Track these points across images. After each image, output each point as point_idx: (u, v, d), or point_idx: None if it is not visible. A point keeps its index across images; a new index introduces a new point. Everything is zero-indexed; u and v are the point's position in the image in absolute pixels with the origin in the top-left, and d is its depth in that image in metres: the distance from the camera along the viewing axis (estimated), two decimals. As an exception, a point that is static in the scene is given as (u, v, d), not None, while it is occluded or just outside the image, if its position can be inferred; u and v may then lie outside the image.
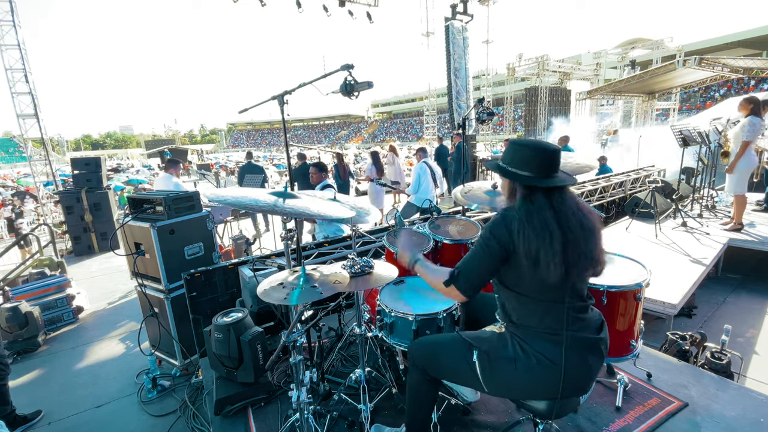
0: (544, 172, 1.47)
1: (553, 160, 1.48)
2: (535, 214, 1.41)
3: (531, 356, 1.46)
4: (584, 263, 1.44)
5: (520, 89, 34.57)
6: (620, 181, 7.80)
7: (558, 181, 1.46)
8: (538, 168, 1.47)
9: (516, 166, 1.50)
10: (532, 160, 1.47)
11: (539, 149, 1.49)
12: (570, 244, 1.39)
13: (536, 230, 1.38)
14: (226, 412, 2.38)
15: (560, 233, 1.38)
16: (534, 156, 1.48)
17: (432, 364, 1.68)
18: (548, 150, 1.48)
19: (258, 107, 2.38)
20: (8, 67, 8.85)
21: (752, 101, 4.92)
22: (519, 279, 1.48)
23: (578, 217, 1.44)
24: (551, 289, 1.43)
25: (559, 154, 1.50)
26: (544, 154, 1.48)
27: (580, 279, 1.47)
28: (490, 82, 22.17)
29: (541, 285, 1.43)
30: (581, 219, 1.44)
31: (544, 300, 1.46)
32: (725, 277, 5.00)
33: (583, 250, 1.42)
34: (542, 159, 1.47)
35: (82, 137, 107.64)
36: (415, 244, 2.73)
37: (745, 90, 29.07)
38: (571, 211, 1.44)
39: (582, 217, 1.45)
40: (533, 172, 1.47)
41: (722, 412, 2.19)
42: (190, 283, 3.02)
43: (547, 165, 1.47)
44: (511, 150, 1.56)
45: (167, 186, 5.29)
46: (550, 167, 1.48)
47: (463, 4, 11.98)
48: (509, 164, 1.53)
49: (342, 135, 74.34)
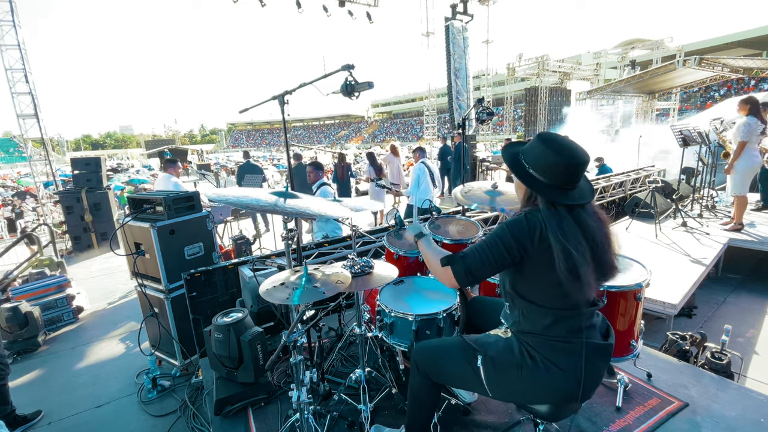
0: (566, 183, 1.37)
1: (581, 171, 1.39)
2: (564, 225, 1.33)
3: (539, 363, 1.43)
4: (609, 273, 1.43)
5: (520, 89, 34.56)
6: (620, 181, 7.80)
7: (578, 198, 1.38)
8: (561, 179, 1.36)
9: (539, 170, 1.38)
10: (557, 168, 1.35)
11: (569, 159, 1.35)
12: (595, 252, 1.36)
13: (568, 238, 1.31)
14: (226, 412, 2.38)
15: (588, 246, 1.33)
16: (561, 165, 1.35)
17: (435, 369, 1.66)
18: (579, 162, 1.36)
19: (258, 107, 2.39)
20: (8, 67, 8.85)
21: (750, 102, 4.93)
22: (534, 287, 1.44)
23: (599, 227, 1.40)
24: (568, 297, 1.38)
25: (584, 166, 1.39)
26: (573, 166, 1.36)
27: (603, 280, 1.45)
28: (490, 82, 22.18)
29: (559, 295, 1.38)
30: (601, 229, 1.41)
31: (559, 309, 1.41)
32: (725, 277, 5.00)
33: (607, 261, 1.40)
34: (569, 171, 1.36)
35: (82, 137, 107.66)
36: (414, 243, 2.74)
37: (745, 90, 29.05)
38: (593, 222, 1.39)
39: (601, 227, 1.41)
40: (556, 182, 1.36)
41: (722, 412, 2.19)
42: (190, 283, 3.02)
43: (572, 177, 1.37)
44: (538, 148, 1.40)
45: (167, 186, 5.29)
46: (575, 179, 1.38)
47: (463, 4, 11.99)
48: (532, 165, 1.40)
49: (342, 135, 74.35)
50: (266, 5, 11.82)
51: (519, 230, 1.37)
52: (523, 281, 1.46)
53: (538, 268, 1.39)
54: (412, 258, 2.62)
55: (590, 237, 1.35)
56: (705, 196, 6.58)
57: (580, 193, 1.40)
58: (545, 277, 1.37)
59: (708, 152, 6.33)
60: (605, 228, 1.43)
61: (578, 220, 1.36)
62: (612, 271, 1.44)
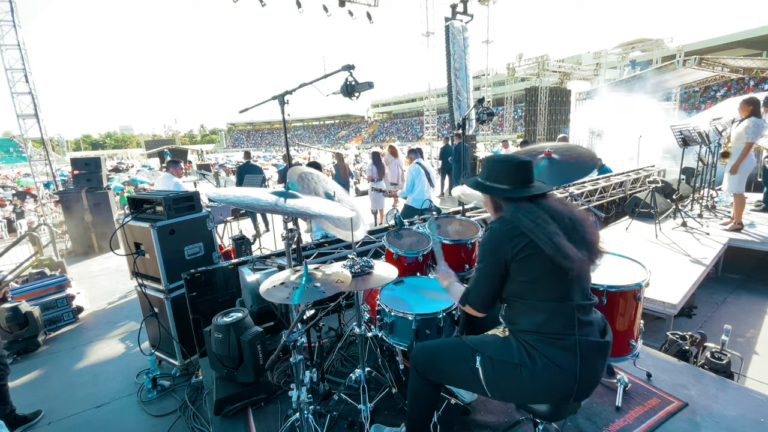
0: (520, 182, 1.56)
1: (526, 170, 1.58)
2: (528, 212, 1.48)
3: (537, 361, 1.45)
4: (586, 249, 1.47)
5: (520, 89, 34.57)
6: (620, 181, 7.80)
7: (535, 190, 1.55)
8: (514, 180, 1.56)
9: (493, 180, 1.60)
10: (508, 173, 1.57)
11: (511, 162, 1.58)
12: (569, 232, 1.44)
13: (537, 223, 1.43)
14: (226, 412, 2.38)
15: (555, 223, 1.45)
16: (508, 169, 1.57)
17: (434, 370, 1.68)
18: (520, 162, 1.57)
19: (258, 107, 2.39)
20: (8, 67, 8.84)
21: (752, 102, 4.93)
22: (524, 283, 1.49)
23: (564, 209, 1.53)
24: (558, 286, 1.44)
25: (530, 165, 1.59)
26: (518, 166, 1.57)
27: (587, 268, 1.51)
28: (490, 82, 22.21)
29: (549, 285, 1.45)
30: (568, 211, 1.52)
31: (551, 301, 1.46)
32: (725, 277, 5.00)
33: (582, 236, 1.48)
34: (516, 171, 1.56)
35: (82, 137, 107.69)
36: (414, 243, 2.74)
37: (745, 90, 29.04)
38: (557, 207, 1.51)
39: (568, 209, 1.54)
40: (510, 184, 1.56)
41: (722, 412, 2.19)
42: (190, 283, 3.02)
43: (522, 176, 1.56)
44: (487, 166, 1.65)
45: (167, 186, 5.30)
46: (526, 178, 1.57)
47: (463, 4, 11.99)
48: (486, 179, 1.62)
49: (342, 135, 74.35)
50: (266, 5, 11.83)
51: (490, 245, 1.53)
52: (512, 281, 1.52)
53: (521, 267, 1.46)
54: (411, 258, 2.63)
55: (557, 217, 1.48)
56: (705, 196, 6.58)
57: (537, 187, 1.57)
58: (529, 272, 1.46)
59: (708, 152, 6.33)
60: (572, 210, 1.54)
61: (541, 206, 1.51)
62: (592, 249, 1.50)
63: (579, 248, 1.43)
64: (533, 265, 1.44)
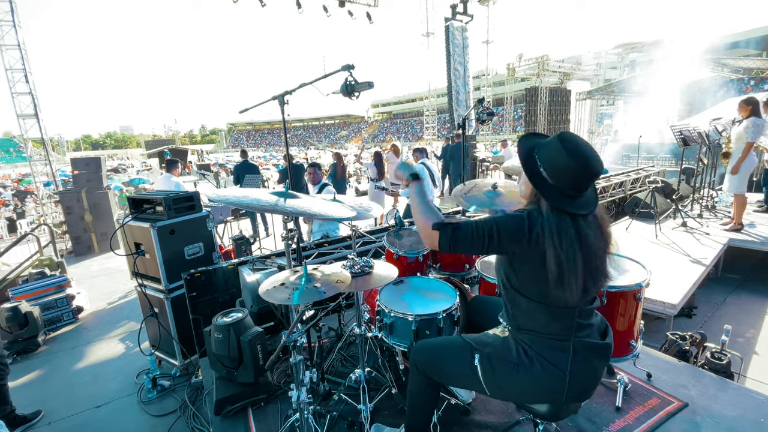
0: (574, 190, 1.36)
1: (592, 180, 1.38)
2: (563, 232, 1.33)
3: (535, 361, 1.44)
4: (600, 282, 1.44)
5: (520, 89, 34.56)
6: (620, 181, 7.80)
7: (582, 207, 1.37)
8: (571, 185, 1.35)
9: (550, 169, 1.37)
10: (569, 172, 1.34)
11: (584, 166, 1.33)
12: (588, 264, 1.37)
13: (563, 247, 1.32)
14: (226, 412, 2.38)
15: (581, 254, 1.34)
16: (575, 170, 1.34)
17: (434, 368, 1.67)
18: (592, 170, 1.34)
19: (258, 107, 2.39)
20: (8, 67, 8.85)
21: (751, 102, 4.93)
22: (527, 281, 1.44)
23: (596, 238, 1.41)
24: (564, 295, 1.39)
25: (597, 177, 1.39)
26: (586, 173, 1.34)
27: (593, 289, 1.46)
28: (490, 82, 22.19)
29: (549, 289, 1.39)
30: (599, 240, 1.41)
31: (555, 306, 1.42)
32: (725, 277, 5.00)
33: (600, 271, 1.42)
34: (581, 178, 1.35)
35: (82, 137, 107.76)
36: (414, 243, 2.74)
37: (744, 90, 29.04)
38: (592, 233, 1.39)
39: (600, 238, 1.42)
40: (564, 187, 1.35)
41: (722, 413, 2.19)
42: (190, 283, 3.02)
43: (582, 185, 1.36)
44: (555, 146, 1.36)
45: (167, 186, 5.30)
46: (584, 187, 1.38)
47: (463, 4, 12.00)
48: (544, 163, 1.38)
49: (342, 135, 74.34)
50: (266, 5, 11.83)
51: (518, 223, 1.37)
52: (517, 276, 1.46)
53: (532, 263, 1.39)
54: (411, 258, 2.63)
55: (586, 247, 1.36)
56: (705, 196, 6.58)
57: (584, 201, 1.39)
58: (539, 272, 1.37)
59: (708, 152, 6.33)
60: (604, 240, 1.43)
61: (578, 229, 1.36)
62: (603, 281, 1.46)
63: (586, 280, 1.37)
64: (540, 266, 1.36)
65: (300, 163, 8.61)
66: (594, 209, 1.42)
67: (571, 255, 1.32)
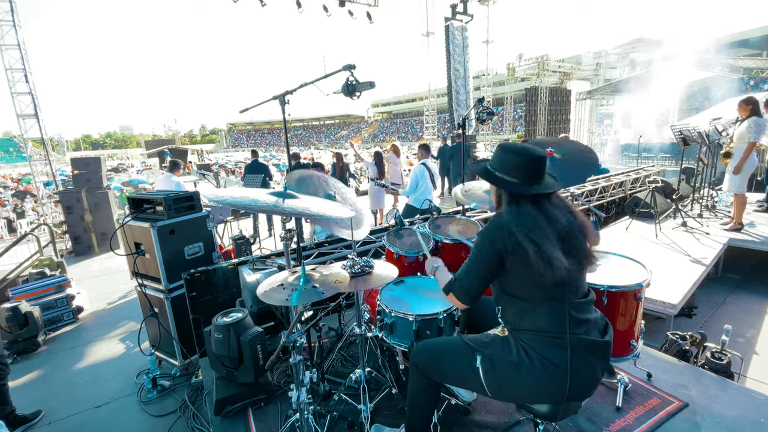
0: (530, 179, 1.50)
1: (539, 167, 1.51)
2: (524, 216, 1.46)
3: (535, 361, 1.45)
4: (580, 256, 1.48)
5: (520, 89, 34.54)
6: (620, 181, 7.80)
7: (543, 188, 1.50)
8: (524, 175, 1.50)
9: (504, 171, 1.54)
10: (519, 166, 1.50)
11: (526, 156, 1.51)
12: (564, 238, 1.44)
13: (530, 229, 1.42)
14: (226, 412, 2.38)
15: (551, 229, 1.43)
16: (521, 163, 1.50)
17: (434, 369, 1.67)
18: (535, 157, 1.50)
19: (258, 107, 2.39)
20: (8, 67, 8.85)
21: (751, 102, 4.93)
22: (518, 283, 1.50)
23: (564, 214, 1.50)
24: (551, 287, 1.43)
25: (545, 161, 1.53)
26: (531, 161, 1.50)
27: (578, 273, 1.50)
28: (490, 82, 22.20)
29: (542, 285, 1.43)
30: (568, 217, 1.50)
31: (546, 300, 1.46)
32: (725, 277, 5.00)
33: (577, 242, 1.48)
34: (529, 166, 1.50)
35: (82, 137, 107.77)
36: (414, 243, 2.74)
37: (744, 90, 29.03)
38: (558, 212, 1.49)
39: (568, 215, 1.52)
40: (519, 179, 1.50)
41: (722, 413, 2.19)
42: (190, 283, 3.02)
43: (533, 172, 1.50)
44: (499, 155, 1.58)
45: (168, 186, 5.31)
46: (537, 174, 1.51)
47: (463, 4, 12.00)
48: (497, 169, 1.56)
49: (342, 135, 74.34)
50: (266, 5, 11.82)
51: (490, 235, 1.50)
52: (508, 280, 1.52)
53: (518, 265, 1.46)
54: (411, 258, 2.62)
55: (557, 223, 1.46)
56: (705, 196, 6.58)
57: (545, 185, 1.52)
58: (526, 271, 1.44)
59: (708, 152, 6.33)
60: (577, 219, 1.52)
61: (543, 209, 1.47)
62: (588, 259, 1.51)
63: (570, 256, 1.43)
64: (525, 264, 1.42)
65: (302, 163, 8.61)
66: (556, 190, 1.54)
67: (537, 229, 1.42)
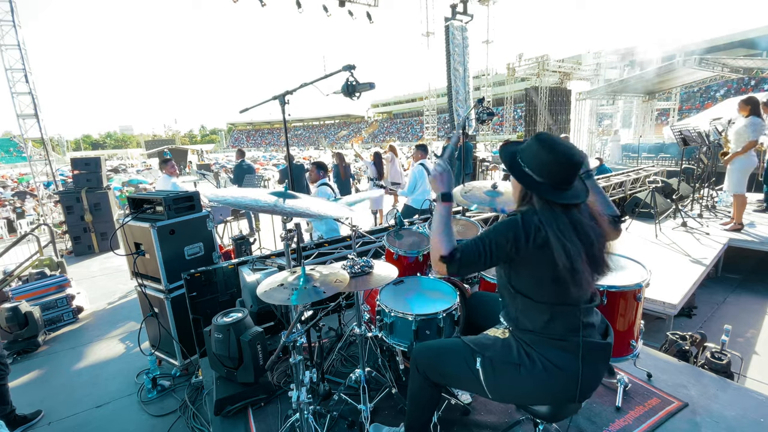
0: (561, 183, 1.39)
1: (574, 172, 1.41)
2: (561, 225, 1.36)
3: (537, 362, 1.43)
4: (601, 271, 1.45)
5: (520, 89, 34.51)
6: (620, 181, 7.80)
7: (572, 198, 1.40)
8: (556, 179, 1.39)
9: (535, 168, 1.41)
10: (551, 167, 1.38)
11: (565, 159, 1.37)
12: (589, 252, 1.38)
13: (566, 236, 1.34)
14: (226, 412, 2.38)
15: (581, 244, 1.36)
16: (558, 164, 1.38)
17: (434, 370, 1.67)
18: (574, 162, 1.38)
19: (258, 107, 2.38)
20: (8, 67, 8.84)
21: (751, 102, 4.93)
22: (528, 281, 1.45)
23: (592, 226, 1.42)
24: (563, 292, 1.39)
25: (580, 167, 1.42)
26: (570, 166, 1.38)
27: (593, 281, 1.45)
28: (490, 82, 22.18)
29: (553, 288, 1.40)
30: (595, 228, 1.43)
31: (556, 304, 1.42)
32: (725, 277, 5.00)
33: (600, 258, 1.43)
34: (564, 170, 1.38)
35: (82, 137, 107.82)
36: (414, 243, 2.74)
37: (743, 90, 29.05)
38: (587, 221, 1.42)
39: (595, 226, 1.44)
40: (551, 181, 1.39)
41: (722, 412, 2.19)
42: (190, 283, 3.02)
43: (566, 177, 1.39)
44: (534, 147, 1.42)
45: (166, 187, 5.31)
46: (570, 179, 1.40)
47: (463, 4, 11.99)
48: (528, 164, 1.43)
49: (342, 135, 74.32)
50: (266, 5, 11.81)
51: (514, 229, 1.38)
52: (519, 277, 1.47)
53: (533, 265, 1.41)
54: (411, 258, 2.62)
55: (584, 235, 1.38)
56: (705, 196, 6.58)
57: (574, 192, 1.42)
58: (541, 273, 1.39)
59: (708, 152, 6.34)
60: (599, 227, 1.45)
61: (572, 219, 1.39)
62: (604, 269, 1.46)
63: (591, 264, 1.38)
64: (543, 265, 1.37)
65: (300, 164, 8.62)
66: (585, 199, 1.44)
67: (570, 241, 1.34)
